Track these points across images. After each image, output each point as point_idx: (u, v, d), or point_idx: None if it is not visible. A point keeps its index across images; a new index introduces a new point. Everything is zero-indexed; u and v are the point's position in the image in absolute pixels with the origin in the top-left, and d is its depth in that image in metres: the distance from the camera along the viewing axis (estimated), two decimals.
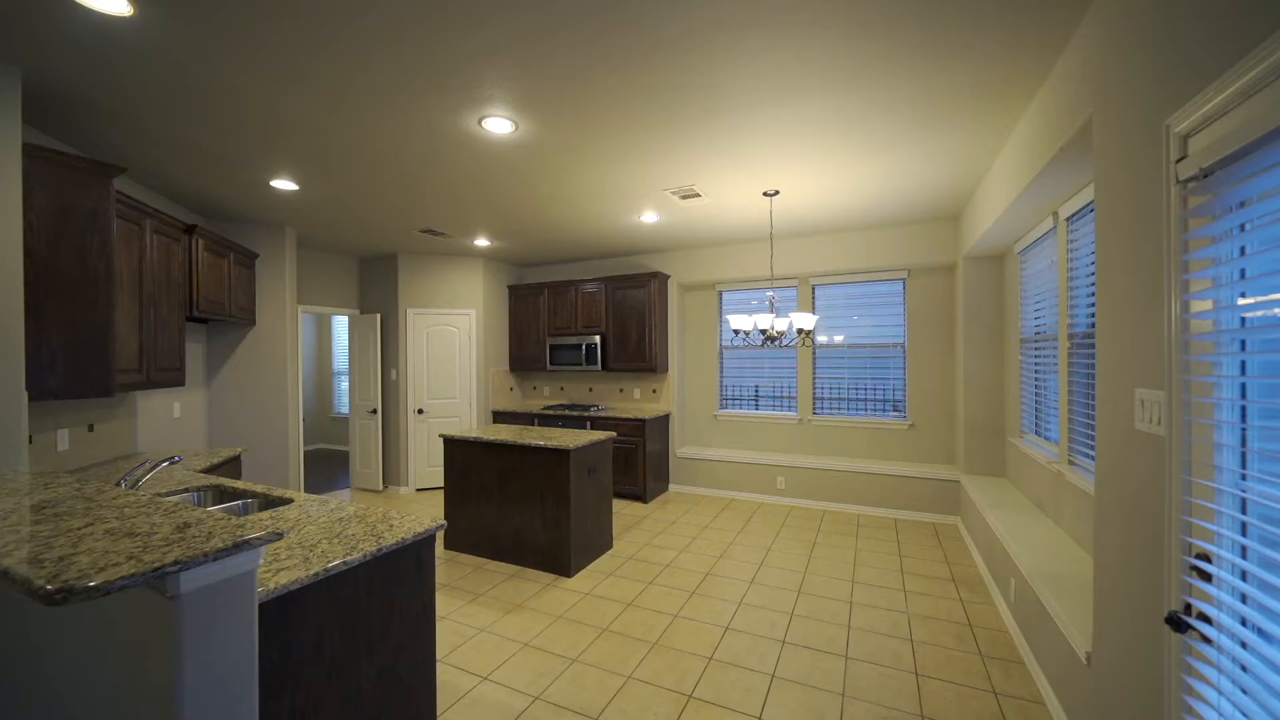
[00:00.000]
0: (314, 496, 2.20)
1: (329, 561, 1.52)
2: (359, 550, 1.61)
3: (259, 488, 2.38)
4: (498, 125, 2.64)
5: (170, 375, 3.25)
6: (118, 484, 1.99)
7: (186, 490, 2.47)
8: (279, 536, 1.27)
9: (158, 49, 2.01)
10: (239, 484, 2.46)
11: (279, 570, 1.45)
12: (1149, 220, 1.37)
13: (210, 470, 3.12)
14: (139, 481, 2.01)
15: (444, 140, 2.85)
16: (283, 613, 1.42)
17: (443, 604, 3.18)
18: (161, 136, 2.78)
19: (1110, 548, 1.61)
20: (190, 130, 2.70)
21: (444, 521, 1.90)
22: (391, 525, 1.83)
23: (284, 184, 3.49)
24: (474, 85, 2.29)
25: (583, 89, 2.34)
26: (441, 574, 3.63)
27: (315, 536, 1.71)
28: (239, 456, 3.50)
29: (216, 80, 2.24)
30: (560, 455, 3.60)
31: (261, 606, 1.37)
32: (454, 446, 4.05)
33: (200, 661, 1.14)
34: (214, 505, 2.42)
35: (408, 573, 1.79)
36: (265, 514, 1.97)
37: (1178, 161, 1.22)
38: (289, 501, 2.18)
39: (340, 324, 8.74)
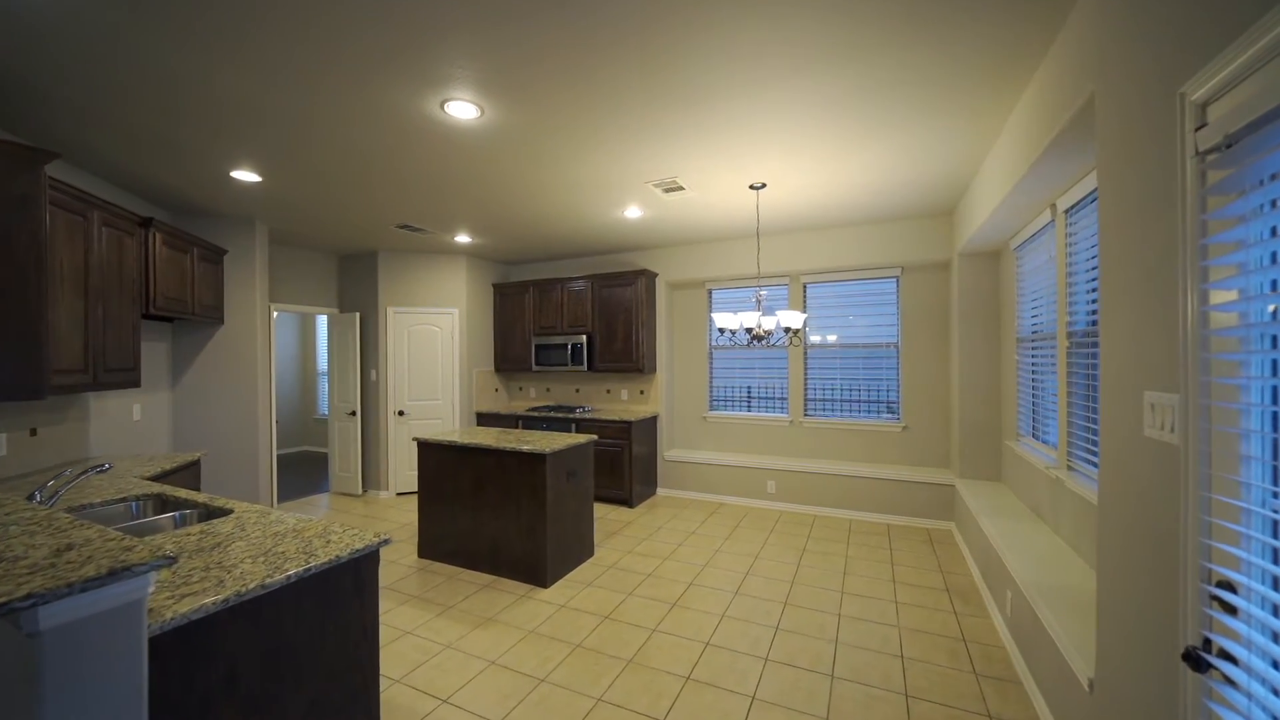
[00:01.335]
0: (255, 507, 2.03)
1: (246, 585, 1.35)
2: (284, 571, 1.45)
3: (200, 497, 2.21)
4: (462, 110, 2.48)
5: (123, 376, 3.08)
6: (31, 496, 1.83)
7: (125, 499, 2.30)
8: (170, 561, 1.11)
9: (81, 20, 1.84)
10: (181, 493, 2.29)
11: (184, 596, 1.28)
12: (1161, 202, 1.21)
13: (164, 476, 2.94)
14: (57, 493, 1.84)
15: (410, 127, 2.68)
16: (186, 643, 1.26)
17: (410, 617, 3.02)
18: (108, 122, 2.61)
19: (1115, 568, 1.46)
20: (136, 115, 2.54)
21: (388, 536, 1.74)
22: (329, 541, 1.67)
23: (245, 175, 3.32)
24: (433, 64, 2.13)
25: (549, 73, 2.18)
26: (413, 584, 3.46)
27: (240, 554, 1.55)
28: (198, 461, 3.33)
29: (153, 58, 2.07)
30: (536, 460, 3.43)
31: (159, 638, 1.21)
32: (428, 450, 3.88)
33: (69, 705, 0.99)
34: (154, 515, 2.25)
35: (344, 593, 1.62)
36: (196, 527, 1.80)
37: (1196, 130, 1.07)
38: (228, 513, 2.01)
39: (324, 323, 8.55)
